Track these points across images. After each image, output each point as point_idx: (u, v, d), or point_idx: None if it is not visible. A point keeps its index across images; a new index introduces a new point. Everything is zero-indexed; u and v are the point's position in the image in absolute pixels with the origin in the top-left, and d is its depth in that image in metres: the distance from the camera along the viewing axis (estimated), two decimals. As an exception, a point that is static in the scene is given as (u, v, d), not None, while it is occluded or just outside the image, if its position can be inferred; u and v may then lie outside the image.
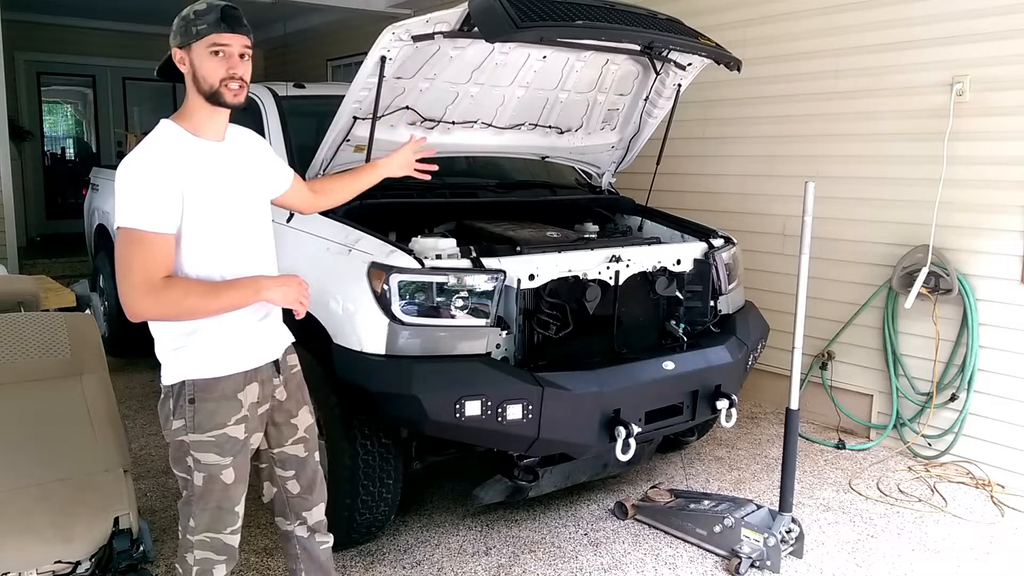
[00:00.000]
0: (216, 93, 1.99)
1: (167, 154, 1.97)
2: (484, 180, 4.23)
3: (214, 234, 2.03)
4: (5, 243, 6.37)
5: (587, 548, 3.28)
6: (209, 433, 2.06)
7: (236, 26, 1.98)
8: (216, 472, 2.09)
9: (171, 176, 1.94)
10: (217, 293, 2.00)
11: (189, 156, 1.99)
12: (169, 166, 1.94)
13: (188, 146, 2.01)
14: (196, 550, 2.14)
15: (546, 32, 2.82)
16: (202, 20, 1.96)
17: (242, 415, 2.10)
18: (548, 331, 3.06)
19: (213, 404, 2.06)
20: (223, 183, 2.06)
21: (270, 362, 2.21)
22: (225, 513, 2.14)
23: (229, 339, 2.08)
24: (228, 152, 2.11)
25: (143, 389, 5.21)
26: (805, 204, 3.07)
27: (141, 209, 1.91)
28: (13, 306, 3.31)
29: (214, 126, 2.07)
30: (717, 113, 5.24)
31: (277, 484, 2.36)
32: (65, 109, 11.04)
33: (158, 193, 1.92)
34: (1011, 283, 3.93)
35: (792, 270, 3.26)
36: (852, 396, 4.65)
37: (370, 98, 3.09)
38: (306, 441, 2.35)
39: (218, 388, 2.07)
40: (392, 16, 7.81)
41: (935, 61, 4.14)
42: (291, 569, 2.47)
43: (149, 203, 1.91)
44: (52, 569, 2.40)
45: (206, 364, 2.06)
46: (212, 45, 1.96)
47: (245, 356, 2.13)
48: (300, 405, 2.34)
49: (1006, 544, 3.40)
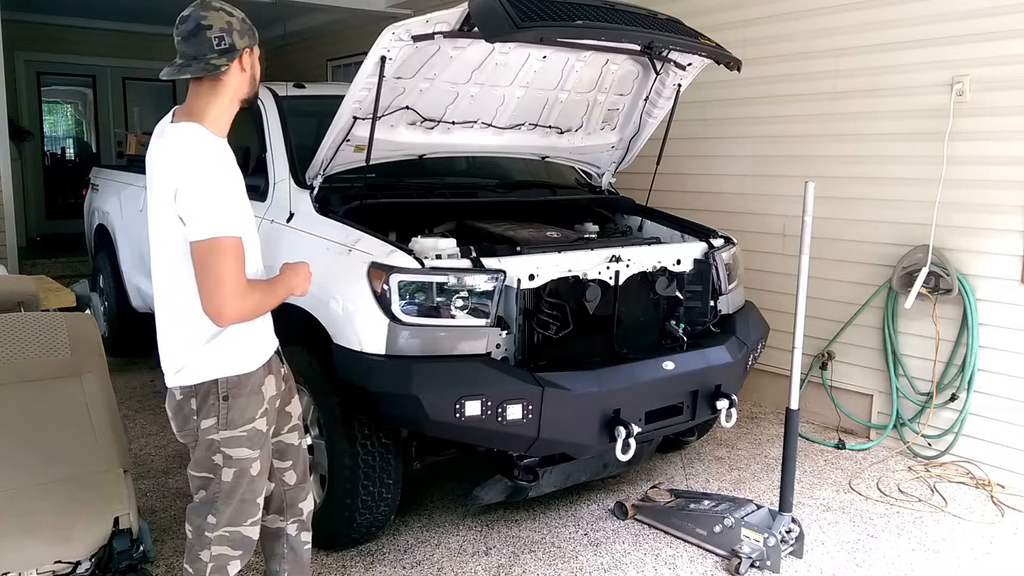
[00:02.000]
0: (254, 97, 2.15)
1: (220, 160, 2.04)
2: (484, 180, 4.23)
3: (248, 231, 2.13)
4: (5, 243, 6.38)
5: (587, 548, 3.28)
6: (242, 428, 2.12)
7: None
8: (246, 466, 2.14)
9: (230, 180, 2.03)
10: (275, 291, 2.13)
11: (229, 158, 2.09)
12: (225, 170, 2.03)
13: (224, 149, 2.09)
14: (214, 546, 2.17)
15: (546, 32, 2.82)
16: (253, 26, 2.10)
17: (264, 408, 2.17)
18: (548, 331, 3.06)
19: (244, 399, 2.12)
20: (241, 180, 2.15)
21: (275, 351, 2.30)
22: (248, 505, 2.18)
23: (251, 335, 2.15)
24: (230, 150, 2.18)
25: (143, 389, 5.21)
26: (805, 204, 3.07)
27: (219, 217, 1.95)
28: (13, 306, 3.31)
29: (227, 127, 2.14)
30: (717, 113, 5.24)
31: (275, 479, 2.38)
32: (65, 109, 11.04)
33: (226, 198, 1.99)
34: (1011, 283, 3.93)
35: (792, 270, 3.26)
36: (852, 396, 4.65)
37: (370, 98, 3.09)
38: (298, 428, 2.44)
39: (248, 383, 2.13)
40: (392, 16, 7.81)
41: (935, 61, 4.14)
42: (273, 571, 2.46)
43: (223, 210, 1.97)
44: (52, 569, 2.40)
45: (237, 361, 2.12)
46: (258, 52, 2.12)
47: (263, 350, 2.21)
48: (292, 393, 2.42)
49: (1006, 544, 3.40)
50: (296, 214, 3.38)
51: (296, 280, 2.21)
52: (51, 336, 2.91)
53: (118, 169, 5.98)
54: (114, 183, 5.72)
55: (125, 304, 5.45)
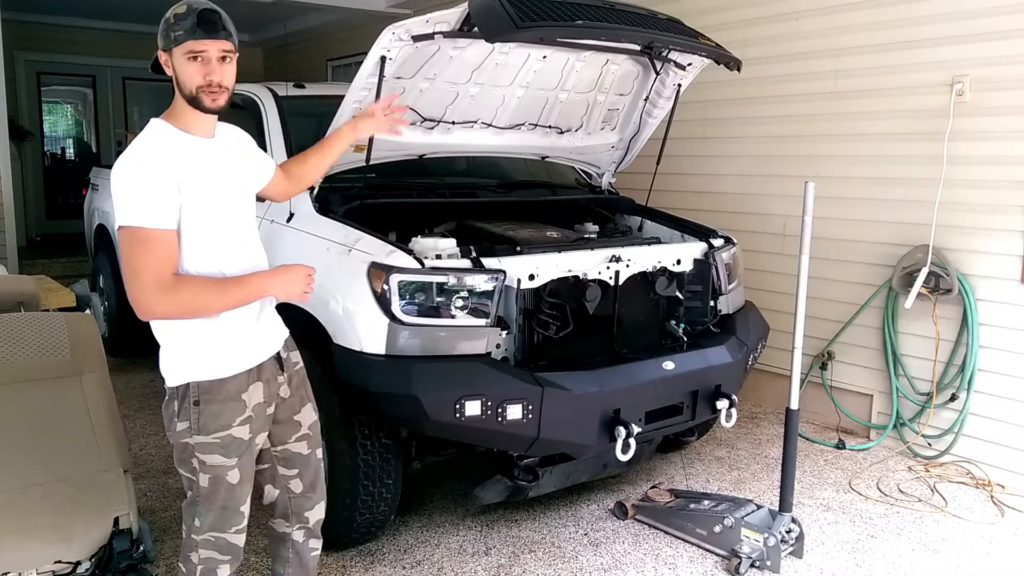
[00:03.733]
0: (195, 99, 1.99)
1: (160, 151, 1.96)
2: (484, 180, 4.23)
3: (211, 229, 2.03)
4: (5, 243, 6.37)
5: (587, 548, 3.28)
6: (214, 435, 2.06)
7: (213, 31, 1.95)
8: (222, 473, 2.09)
9: (166, 171, 1.93)
10: (225, 291, 2.01)
11: (181, 152, 1.99)
12: (163, 162, 1.94)
13: (180, 142, 2.01)
14: (201, 549, 2.14)
15: (546, 32, 2.82)
16: (179, 26, 1.94)
17: (247, 416, 2.10)
18: (548, 331, 3.06)
19: (218, 406, 2.05)
20: (216, 177, 2.06)
21: (272, 359, 2.21)
22: (231, 513, 2.14)
23: (230, 339, 2.08)
24: (218, 148, 2.11)
25: (143, 389, 5.21)
26: (805, 204, 3.07)
27: (141, 207, 1.89)
28: (13, 306, 3.30)
29: (202, 124, 2.06)
30: (717, 113, 5.24)
31: (279, 485, 2.35)
32: (65, 109, 11.04)
33: (155, 189, 1.90)
34: (1011, 283, 3.93)
35: (792, 270, 3.26)
36: (852, 396, 4.65)
37: (370, 98, 3.09)
38: (309, 438, 2.34)
39: (223, 390, 2.06)
40: (392, 16, 7.81)
41: (935, 61, 4.14)
42: (278, 573, 2.46)
43: (148, 200, 1.90)
44: (52, 569, 2.40)
45: (210, 366, 2.06)
46: (189, 52, 1.94)
47: (247, 355, 2.13)
48: (303, 402, 2.34)
49: (1006, 544, 3.40)
50: (296, 214, 3.39)
51: (271, 282, 2.08)
52: (51, 336, 2.91)
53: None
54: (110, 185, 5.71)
55: (125, 304, 5.42)
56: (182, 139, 2.02)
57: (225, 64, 1.99)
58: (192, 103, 2.00)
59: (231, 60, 2.01)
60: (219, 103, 2.01)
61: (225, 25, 1.98)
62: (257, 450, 2.19)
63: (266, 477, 2.35)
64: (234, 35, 2.01)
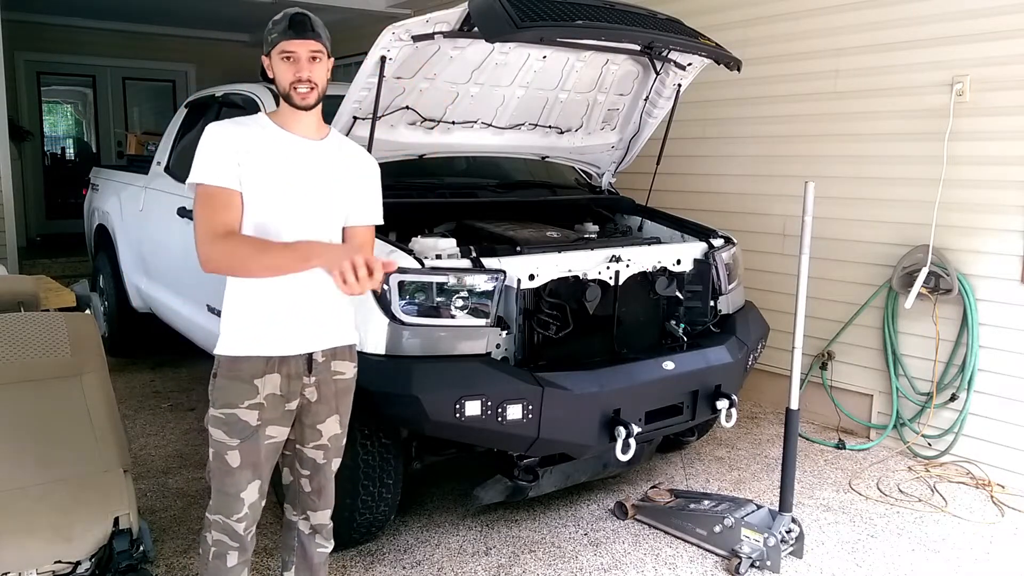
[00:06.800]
0: (287, 96, 2.13)
1: (235, 127, 2.15)
2: (484, 180, 4.22)
3: (270, 215, 2.11)
4: (5, 243, 6.36)
5: (587, 548, 3.28)
6: (221, 409, 2.15)
7: (302, 32, 2.10)
8: (221, 451, 2.16)
9: (231, 141, 2.10)
10: (267, 250, 2.06)
11: (260, 136, 2.14)
12: (232, 134, 2.12)
13: (265, 130, 2.16)
14: (213, 531, 2.23)
15: (546, 32, 2.82)
16: (275, 30, 2.12)
17: (256, 401, 2.14)
18: (548, 331, 3.06)
19: (228, 382, 2.15)
20: (286, 169, 2.14)
21: (301, 356, 2.19)
22: (231, 499, 2.18)
23: (257, 323, 2.14)
24: (310, 149, 2.19)
25: (143, 389, 5.21)
26: (805, 204, 3.07)
27: (202, 165, 2.09)
28: (13, 306, 3.30)
29: (300, 124, 2.18)
30: (717, 113, 5.24)
31: (294, 474, 2.38)
32: (65, 109, 11.03)
33: (216, 152, 2.09)
34: (1011, 283, 3.94)
35: (792, 270, 3.26)
36: (852, 396, 4.65)
37: (370, 98, 3.09)
38: (326, 449, 2.34)
39: (236, 368, 2.14)
40: (392, 16, 7.81)
41: (935, 61, 4.14)
42: (284, 560, 2.50)
43: (208, 160, 2.09)
44: (52, 569, 2.40)
45: (233, 343, 2.15)
46: (282, 52, 2.11)
47: (268, 343, 2.15)
48: (331, 413, 2.31)
49: (1006, 544, 3.40)
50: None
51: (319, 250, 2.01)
52: (51, 336, 2.90)
53: (118, 169, 5.97)
54: (114, 183, 5.71)
55: (125, 304, 5.45)
56: (270, 129, 2.17)
57: (315, 63, 2.12)
58: (287, 100, 2.15)
59: (321, 60, 2.14)
60: (309, 101, 2.13)
61: (315, 27, 2.12)
62: (273, 443, 2.20)
63: (286, 461, 2.38)
64: (324, 37, 2.14)
